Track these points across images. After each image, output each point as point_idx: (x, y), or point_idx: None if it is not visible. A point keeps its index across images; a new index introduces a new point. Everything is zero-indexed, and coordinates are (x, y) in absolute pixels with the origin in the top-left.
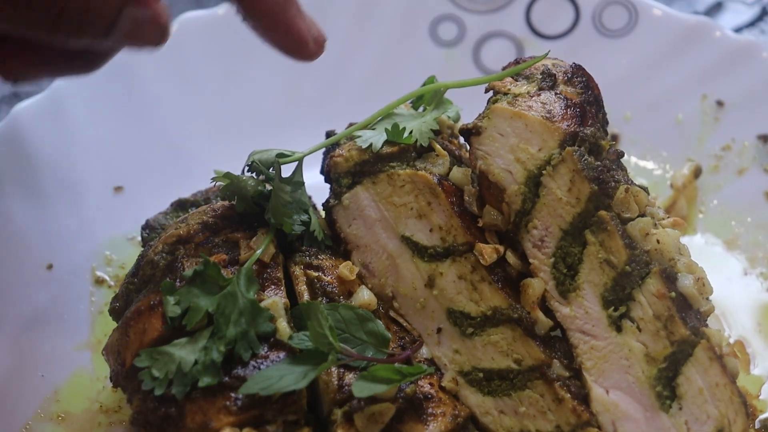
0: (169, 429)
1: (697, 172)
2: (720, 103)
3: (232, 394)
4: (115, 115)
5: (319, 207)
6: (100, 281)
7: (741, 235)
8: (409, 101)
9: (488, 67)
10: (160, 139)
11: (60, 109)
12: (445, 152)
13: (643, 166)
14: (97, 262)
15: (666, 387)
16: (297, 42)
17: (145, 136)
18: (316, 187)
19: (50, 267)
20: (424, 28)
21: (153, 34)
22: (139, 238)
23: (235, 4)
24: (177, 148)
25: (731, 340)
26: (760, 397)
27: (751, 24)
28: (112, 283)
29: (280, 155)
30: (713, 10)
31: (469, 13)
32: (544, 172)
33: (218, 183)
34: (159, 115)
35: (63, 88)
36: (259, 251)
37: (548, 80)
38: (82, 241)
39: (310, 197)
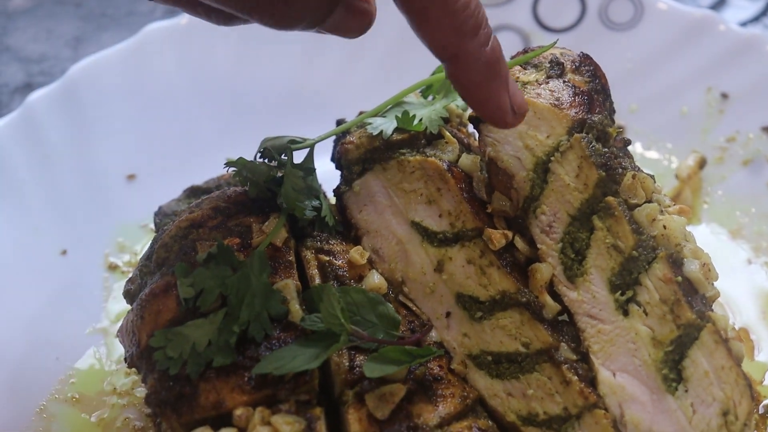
0: (183, 408)
1: (701, 163)
2: (725, 96)
3: (246, 374)
4: (128, 103)
5: (329, 194)
6: (113, 267)
7: (745, 225)
8: (419, 90)
9: None
10: (172, 128)
11: (73, 98)
12: (455, 139)
13: (649, 157)
14: (111, 249)
15: (672, 370)
16: (495, 113)
17: (158, 125)
18: (326, 175)
19: (64, 253)
20: None
21: (360, 26)
22: (152, 225)
23: (444, 65)
24: (189, 136)
25: (736, 327)
26: (764, 383)
27: (755, 19)
28: (125, 269)
29: (292, 142)
30: (717, 5)
31: None
32: (552, 158)
33: (230, 170)
34: (171, 104)
35: (76, 77)
36: (271, 235)
37: (556, 69)
38: (95, 228)
39: (320, 185)
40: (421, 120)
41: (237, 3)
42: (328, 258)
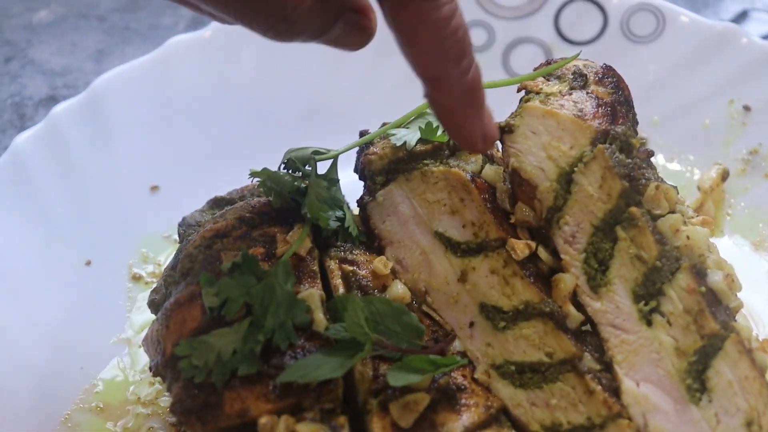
0: (208, 416)
1: (724, 175)
2: (747, 108)
3: (270, 383)
4: (152, 115)
5: (353, 205)
6: (137, 278)
7: None
8: None
9: (517, 72)
10: (195, 139)
11: (97, 109)
12: None
13: (671, 169)
14: (134, 259)
15: (696, 380)
16: (466, 139)
17: (181, 137)
18: (349, 186)
19: (89, 263)
20: None
21: (360, 41)
22: (175, 236)
23: (424, 86)
24: (212, 147)
25: (759, 338)
26: None
27: None
28: (148, 280)
29: (316, 153)
30: (738, 19)
31: (499, 19)
32: (575, 169)
33: (254, 180)
34: (195, 116)
35: (100, 89)
36: (295, 245)
37: (579, 80)
38: (119, 239)
39: (344, 196)
40: (444, 131)
41: (237, 14)
42: (351, 268)
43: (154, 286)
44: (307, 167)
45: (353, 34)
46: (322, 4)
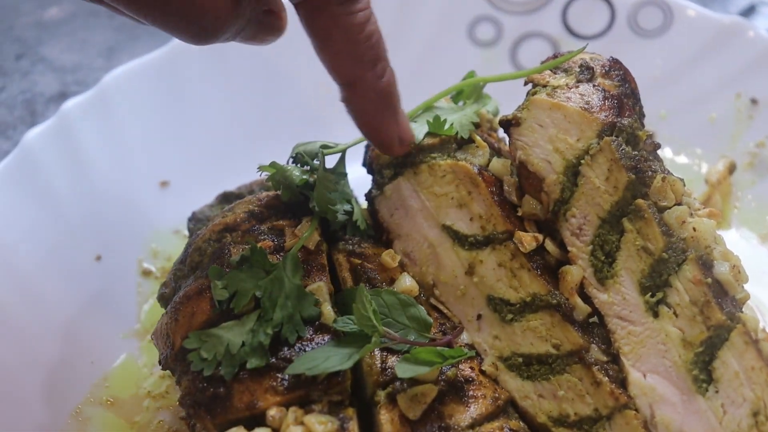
0: (217, 408)
1: (731, 168)
2: (754, 102)
3: (279, 375)
4: (161, 111)
5: (361, 200)
6: (146, 272)
7: None
8: (449, 95)
9: (525, 66)
10: (204, 134)
11: (107, 106)
12: (485, 144)
13: (679, 162)
14: (144, 255)
15: (702, 371)
16: (383, 141)
17: (190, 132)
18: (358, 181)
19: (99, 258)
20: (462, 28)
21: (271, 38)
22: (185, 232)
23: (340, 89)
24: (221, 142)
25: (766, 330)
26: None
27: None
28: (158, 275)
29: (324, 147)
30: (746, 13)
31: (507, 14)
32: (582, 161)
33: (263, 174)
34: (203, 112)
35: (110, 85)
36: (304, 238)
37: (586, 73)
38: (129, 234)
39: (351, 190)
40: (452, 125)
41: (153, 21)
42: (359, 261)
43: (164, 280)
44: (315, 161)
45: (265, 33)
46: (235, 10)
